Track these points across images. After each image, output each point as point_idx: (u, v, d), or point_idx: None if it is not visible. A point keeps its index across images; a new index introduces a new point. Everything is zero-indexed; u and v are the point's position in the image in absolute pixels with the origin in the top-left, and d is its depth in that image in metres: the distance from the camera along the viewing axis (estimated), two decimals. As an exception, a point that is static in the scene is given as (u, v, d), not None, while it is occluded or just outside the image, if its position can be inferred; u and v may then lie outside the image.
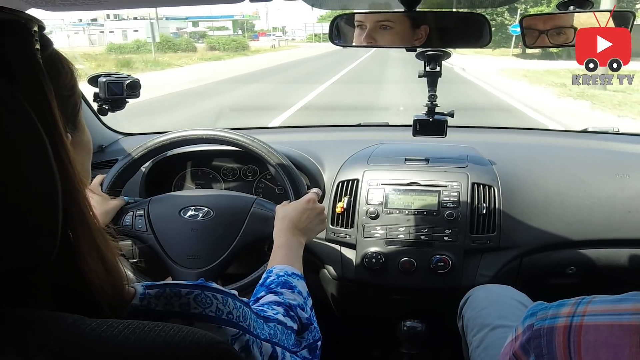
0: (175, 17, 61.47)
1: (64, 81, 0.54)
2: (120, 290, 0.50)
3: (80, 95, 0.58)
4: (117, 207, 1.23)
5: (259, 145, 1.23)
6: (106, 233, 0.51)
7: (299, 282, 0.91)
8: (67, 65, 0.54)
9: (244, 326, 0.57)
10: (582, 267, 1.44)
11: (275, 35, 62.39)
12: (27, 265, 0.40)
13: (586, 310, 0.57)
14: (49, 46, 0.51)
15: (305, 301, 0.86)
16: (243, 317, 0.58)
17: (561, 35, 1.02)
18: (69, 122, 0.54)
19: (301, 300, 0.85)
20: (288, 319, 0.76)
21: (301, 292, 0.88)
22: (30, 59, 0.44)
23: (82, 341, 0.38)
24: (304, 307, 0.84)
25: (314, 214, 1.11)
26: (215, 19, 65.45)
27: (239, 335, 0.56)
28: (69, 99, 0.55)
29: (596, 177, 1.46)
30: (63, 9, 0.91)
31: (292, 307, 0.81)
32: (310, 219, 1.10)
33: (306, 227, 1.09)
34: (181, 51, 29.24)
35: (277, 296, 0.83)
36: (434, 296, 1.40)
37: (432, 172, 1.44)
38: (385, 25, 1.07)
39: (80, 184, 0.47)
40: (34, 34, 0.45)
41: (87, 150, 0.60)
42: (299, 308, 0.82)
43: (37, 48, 0.45)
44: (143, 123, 6.64)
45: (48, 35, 0.52)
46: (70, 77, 0.55)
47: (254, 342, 0.59)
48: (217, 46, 34.18)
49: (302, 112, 8.47)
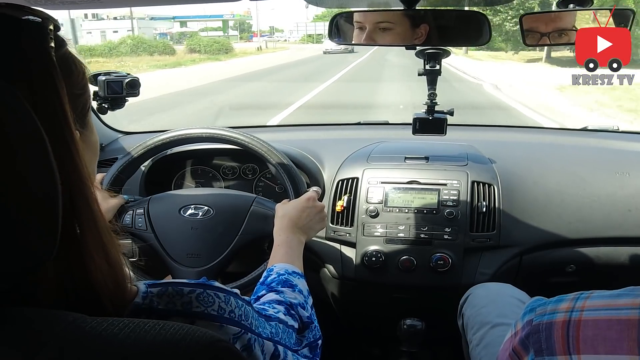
0: (161, 17, 58.23)
1: (76, 80, 0.55)
2: (123, 288, 0.50)
3: (90, 95, 0.59)
4: (117, 205, 1.23)
5: (258, 143, 1.23)
6: (111, 229, 0.51)
7: (299, 280, 0.91)
8: (79, 65, 0.55)
9: (246, 325, 0.57)
10: (582, 266, 1.44)
11: (267, 36, 59.49)
12: (27, 265, 0.40)
13: (585, 306, 0.58)
14: (63, 45, 0.52)
15: (305, 300, 0.86)
16: (245, 316, 0.58)
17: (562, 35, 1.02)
18: (78, 120, 0.54)
19: (302, 299, 0.85)
20: (289, 318, 0.76)
21: (302, 291, 0.88)
22: (45, 57, 0.45)
23: (83, 340, 0.38)
24: (305, 306, 0.84)
25: (314, 212, 1.12)
26: (204, 19, 62.02)
27: (240, 334, 0.56)
28: (80, 98, 0.56)
29: (596, 176, 1.46)
30: (62, 7, 0.91)
31: (293, 306, 0.81)
32: (310, 217, 1.11)
33: (306, 226, 1.09)
34: (157, 54, 27.36)
35: (278, 295, 0.83)
36: (433, 294, 1.41)
37: (432, 170, 1.44)
38: (384, 27, 1.07)
39: (89, 178, 0.47)
40: (49, 32, 0.47)
41: (94, 150, 0.61)
42: (300, 307, 0.82)
43: (52, 46, 0.46)
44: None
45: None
46: (82, 77, 0.56)
47: (255, 340, 0.59)
48: (198, 48, 31.23)
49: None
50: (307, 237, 1.10)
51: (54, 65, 0.45)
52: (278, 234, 1.06)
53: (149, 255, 1.24)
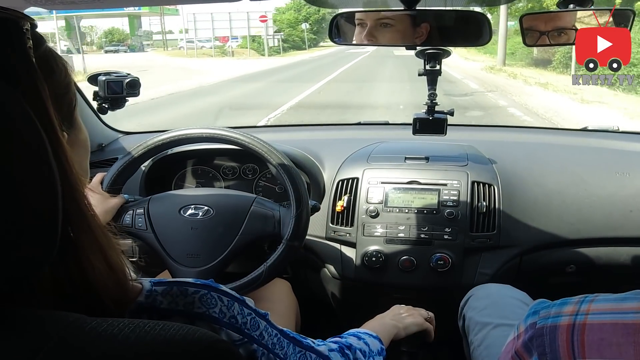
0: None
1: (58, 79, 0.53)
2: (125, 287, 0.50)
3: (75, 92, 0.57)
4: (117, 205, 1.23)
5: (258, 143, 1.23)
6: (108, 231, 0.50)
7: (370, 339, 0.86)
8: (61, 62, 0.53)
9: (252, 335, 0.55)
10: (582, 266, 1.44)
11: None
12: (27, 266, 0.39)
13: (589, 309, 0.57)
14: (42, 44, 0.50)
15: (370, 352, 0.81)
16: (252, 326, 0.56)
17: (562, 35, 1.02)
18: (64, 120, 0.53)
19: (365, 348, 0.81)
20: (338, 355, 0.72)
21: (368, 344, 0.83)
22: (22, 57, 0.43)
23: (82, 340, 0.38)
24: (366, 356, 0.79)
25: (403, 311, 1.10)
26: (97, 12, 35.18)
27: (242, 342, 0.54)
28: (64, 97, 0.54)
29: (596, 176, 1.46)
30: (61, 7, 0.91)
31: (351, 347, 0.76)
32: (399, 314, 1.09)
33: (399, 319, 1.06)
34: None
35: (340, 338, 0.80)
36: (433, 295, 1.41)
37: (432, 170, 1.45)
38: (385, 23, 1.07)
39: (79, 182, 0.46)
40: (25, 32, 0.44)
41: (85, 148, 0.59)
42: (360, 352, 0.78)
43: (30, 46, 0.44)
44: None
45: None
46: (65, 75, 0.54)
47: (264, 354, 0.57)
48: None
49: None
50: (402, 325, 1.05)
51: (34, 66, 0.44)
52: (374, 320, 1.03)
53: (148, 255, 1.24)
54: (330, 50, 32.93)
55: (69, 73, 0.55)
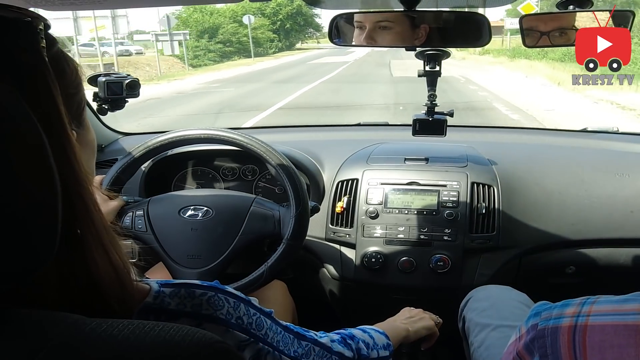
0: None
1: (69, 79, 0.53)
2: (130, 288, 0.49)
3: (84, 93, 0.57)
4: (117, 207, 1.22)
5: (258, 144, 1.23)
6: (112, 231, 0.51)
7: (376, 334, 0.86)
8: (72, 63, 0.54)
9: (258, 335, 0.56)
10: (582, 267, 1.44)
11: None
12: (27, 266, 0.39)
13: (591, 311, 0.57)
14: (54, 45, 0.51)
15: (374, 344, 0.81)
16: (257, 326, 0.57)
17: (562, 35, 1.02)
18: (74, 119, 0.54)
19: (369, 341, 0.80)
20: (339, 345, 0.72)
21: (373, 338, 0.82)
22: (36, 57, 0.44)
23: (82, 341, 0.38)
24: (370, 347, 0.79)
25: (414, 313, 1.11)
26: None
27: (249, 342, 0.55)
28: (74, 97, 0.55)
29: (596, 177, 1.46)
30: (62, 9, 0.91)
31: (353, 338, 0.77)
32: (410, 317, 1.09)
33: (410, 322, 1.07)
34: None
35: (344, 330, 0.80)
36: (433, 296, 1.40)
37: (432, 171, 1.44)
38: (384, 25, 1.07)
39: (86, 180, 0.47)
40: (39, 32, 0.45)
41: (92, 148, 0.60)
42: (362, 342, 0.78)
43: (43, 46, 0.45)
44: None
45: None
46: (76, 75, 0.55)
47: (269, 353, 0.58)
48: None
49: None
50: (412, 328, 1.05)
51: (46, 66, 0.44)
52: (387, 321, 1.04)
53: (149, 256, 1.24)
54: (300, 56, 27.24)
55: (80, 74, 0.56)
